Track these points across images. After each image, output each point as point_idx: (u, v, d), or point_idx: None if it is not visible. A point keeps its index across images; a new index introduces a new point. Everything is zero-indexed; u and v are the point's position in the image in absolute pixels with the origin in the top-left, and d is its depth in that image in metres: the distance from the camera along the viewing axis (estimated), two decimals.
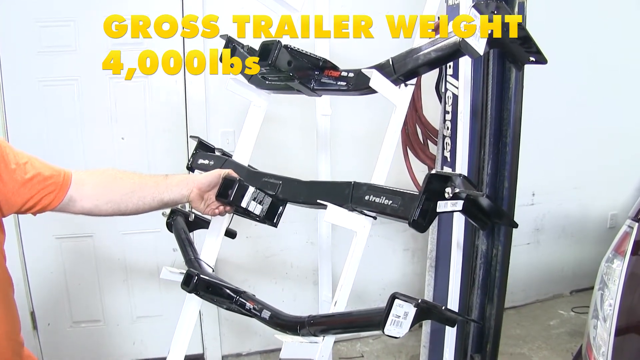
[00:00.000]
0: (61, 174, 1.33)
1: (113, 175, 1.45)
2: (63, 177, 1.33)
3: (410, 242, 3.48)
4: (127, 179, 1.46)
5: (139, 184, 1.47)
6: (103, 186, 1.42)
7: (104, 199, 1.41)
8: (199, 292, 1.58)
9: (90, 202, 1.39)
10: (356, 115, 3.04)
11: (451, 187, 1.18)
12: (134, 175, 1.48)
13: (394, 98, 1.41)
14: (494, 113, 2.09)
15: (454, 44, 1.28)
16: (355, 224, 1.37)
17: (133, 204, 1.45)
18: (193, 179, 1.56)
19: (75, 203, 1.36)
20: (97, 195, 1.40)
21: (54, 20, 2.62)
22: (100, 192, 1.41)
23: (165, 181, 1.51)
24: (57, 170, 1.33)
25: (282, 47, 1.41)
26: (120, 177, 1.46)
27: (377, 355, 3.28)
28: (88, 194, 1.38)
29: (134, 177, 1.48)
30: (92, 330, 3.01)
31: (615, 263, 1.34)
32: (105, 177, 1.44)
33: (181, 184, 1.53)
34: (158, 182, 1.50)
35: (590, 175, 3.82)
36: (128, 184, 1.45)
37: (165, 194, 1.49)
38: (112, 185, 1.43)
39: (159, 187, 1.49)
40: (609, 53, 3.59)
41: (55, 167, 1.34)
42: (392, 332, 1.17)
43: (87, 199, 1.38)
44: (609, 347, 1.26)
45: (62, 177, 1.33)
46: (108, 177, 1.45)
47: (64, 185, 1.33)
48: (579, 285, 4.04)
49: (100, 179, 1.43)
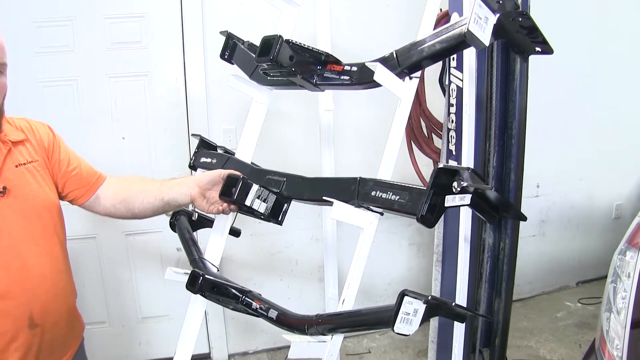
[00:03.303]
0: (96, 175, 1.60)
1: (129, 179, 1.68)
2: (97, 178, 1.60)
3: (415, 236, 3.46)
4: (137, 181, 1.66)
5: (144, 185, 1.63)
6: (119, 186, 1.63)
7: (118, 197, 1.60)
8: (205, 292, 1.56)
9: (109, 202, 1.60)
10: (360, 109, 3.02)
11: (459, 181, 1.16)
12: (144, 179, 1.68)
13: (398, 91, 1.39)
14: (498, 105, 2.07)
15: (459, 35, 1.25)
16: (362, 221, 1.35)
17: (139, 202, 1.60)
18: (194, 178, 1.62)
19: (99, 201, 1.60)
20: (114, 195, 1.60)
21: (52, 20, 2.60)
22: (117, 192, 1.61)
23: (168, 182, 1.62)
24: (94, 172, 1.61)
25: (284, 42, 1.39)
26: (134, 180, 1.67)
27: (385, 350, 3.26)
28: (110, 194, 1.60)
29: (144, 180, 1.67)
30: (97, 331, 2.99)
31: (629, 255, 1.32)
32: (123, 180, 1.66)
33: (182, 183, 1.60)
34: (161, 182, 1.63)
35: (596, 166, 3.80)
36: (137, 184, 1.64)
37: (167, 193, 1.58)
38: (125, 184, 1.64)
39: (161, 187, 1.60)
40: (613, 42, 3.56)
41: (95, 170, 1.62)
42: (402, 330, 1.15)
43: (109, 198, 1.60)
44: (624, 340, 1.24)
45: (96, 177, 1.60)
46: (125, 180, 1.66)
47: (95, 184, 1.59)
48: (585, 277, 4.02)
49: (120, 181, 1.65)
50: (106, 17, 2.66)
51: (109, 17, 2.67)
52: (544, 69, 2.53)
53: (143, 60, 2.75)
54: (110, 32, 2.68)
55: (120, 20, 2.69)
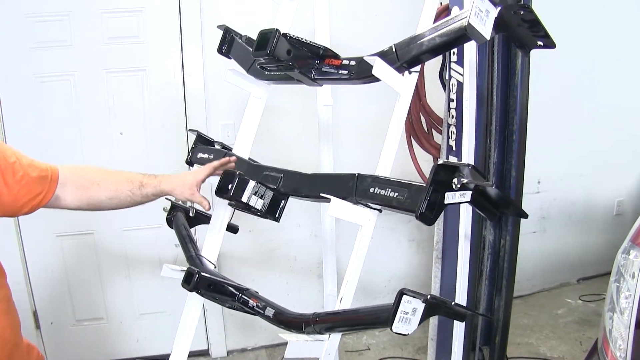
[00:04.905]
0: (49, 175, 1.34)
1: (91, 180, 1.44)
2: (50, 177, 1.34)
3: (415, 232, 3.44)
4: (102, 184, 1.45)
5: (114, 190, 1.46)
6: (83, 189, 1.42)
7: (85, 202, 1.43)
8: (201, 290, 1.55)
9: (73, 203, 1.41)
10: (358, 104, 3.00)
11: (459, 177, 1.14)
12: (110, 178, 1.47)
13: (397, 86, 1.37)
14: (499, 100, 2.05)
15: (459, 28, 1.23)
16: (360, 218, 1.34)
17: (113, 206, 1.47)
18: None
19: (60, 202, 1.39)
20: (78, 198, 1.42)
21: (47, 14, 2.57)
22: (81, 196, 1.42)
23: (141, 181, 1.51)
24: (44, 170, 1.33)
25: (281, 36, 1.37)
26: (98, 181, 1.44)
27: (384, 347, 3.25)
28: (71, 196, 1.40)
29: (110, 182, 1.46)
30: (95, 328, 2.99)
31: (633, 254, 1.30)
32: (84, 182, 1.43)
33: (152, 177, 1.52)
34: (133, 184, 1.49)
35: (597, 162, 3.77)
36: (105, 191, 1.45)
37: (137, 194, 1.49)
38: (90, 191, 1.43)
39: (133, 194, 1.49)
40: (614, 38, 3.53)
41: (42, 166, 1.33)
42: (400, 329, 1.13)
43: (70, 200, 1.40)
44: (628, 340, 1.22)
45: (49, 177, 1.34)
46: (86, 181, 1.43)
47: (51, 186, 1.34)
48: (586, 273, 4.01)
49: (80, 183, 1.42)
50: (103, 11, 2.63)
51: (105, 12, 2.64)
52: (545, 65, 2.50)
53: (140, 55, 2.73)
54: (107, 26, 2.65)
55: (117, 14, 2.66)
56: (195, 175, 1.57)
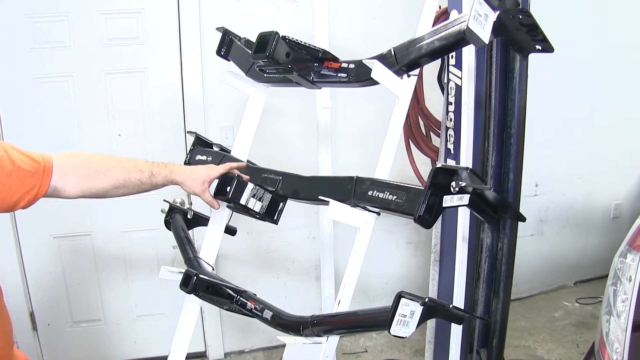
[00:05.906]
0: (41, 166, 1.26)
1: (95, 169, 1.38)
2: (44, 168, 1.26)
3: (413, 235, 3.44)
4: (109, 174, 1.39)
5: (123, 180, 1.41)
6: (87, 179, 1.36)
7: (88, 191, 1.37)
8: (198, 292, 1.54)
9: (74, 193, 1.35)
10: (357, 107, 3.00)
11: (457, 180, 1.15)
12: (117, 167, 1.42)
13: (396, 89, 1.37)
14: (498, 104, 2.05)
15: (458, 32, 1.23)
16: (359, 221, 1.34)
17: (119, 194, 1.43)
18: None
19: (60, 192, 1.32)
20: (81, 188, 1.35)
21: (47, 15, 2.56)
22: (84, 185, 1.36)
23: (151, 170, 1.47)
24: (37, 161, 1.25)
25: (280, 39, 1.37)
26: (104, 171, 1.38)
27: (382, 349, 3.25)
28: (72, 186, 1.33)
29: (117, 171, 1.41)
30: (92, 329, 2.98)
31: (629, 257, 1.30)
32: (87, 171, 1.37)
33: (162, 166, 1.49)
34: (142, 173, 1.45)
35: (594, 165, 3.78)
36: (112, 180, 1.39)
37: (147, 183, 1.45)
38: (95, 181, 1.37)
39: (142, 183, 1.45)
40: (612, 41, 3.53)
41: (35, 155, 1.26)
42: (398, 332, 1.14)
43: (72, 190, 1.34)
44: (624, 344, 1.22)
45: (42, 169, 1.26)
46: (90, 170, 1.37)
47: (45, 178, 1.27)
48: (584, 276, 4.01)
49: (82, 172, 1.36)
50: (102, 12, 2.63)
51: (105, 13, 2.64)
52: (542, 68, 2.50)
53: (139, 56, 2.73)
54: (106, 28, 2.65)
55: (116, 16, 2.66)
56: (208, 172, 1.52)
